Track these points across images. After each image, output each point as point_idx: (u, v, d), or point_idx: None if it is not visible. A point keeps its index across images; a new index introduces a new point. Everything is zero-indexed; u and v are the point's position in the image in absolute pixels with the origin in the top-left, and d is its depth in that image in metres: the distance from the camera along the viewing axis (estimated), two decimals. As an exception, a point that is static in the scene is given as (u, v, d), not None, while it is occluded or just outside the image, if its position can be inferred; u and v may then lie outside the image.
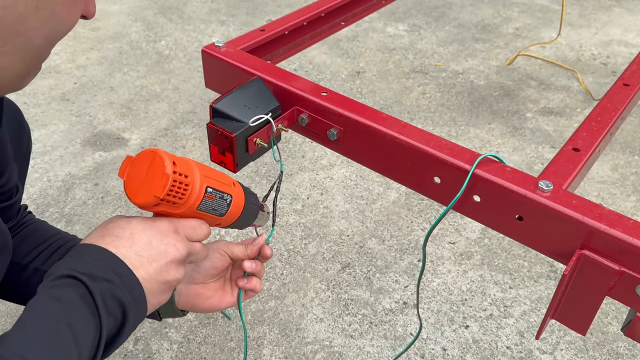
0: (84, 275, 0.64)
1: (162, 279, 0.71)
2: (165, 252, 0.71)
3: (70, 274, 0.65)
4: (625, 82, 1.02)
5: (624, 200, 2.04)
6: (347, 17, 1.38)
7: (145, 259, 0.69)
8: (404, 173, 0.88)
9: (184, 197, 0.70)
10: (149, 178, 0.68)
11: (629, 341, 1.56)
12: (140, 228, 0.71)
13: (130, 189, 0.69)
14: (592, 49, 3.04)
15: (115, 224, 0.72)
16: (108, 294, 0.65)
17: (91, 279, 0.64)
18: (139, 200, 0.69)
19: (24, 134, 1.09)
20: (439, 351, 1.53)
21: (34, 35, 0.65)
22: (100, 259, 0.67)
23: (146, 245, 0.70)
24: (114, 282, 0.66)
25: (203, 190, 0.72)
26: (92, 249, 0.68)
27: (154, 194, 0.67)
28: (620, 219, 0.70)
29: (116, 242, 0.69)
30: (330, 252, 1.82)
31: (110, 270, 0.66)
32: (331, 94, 0.94)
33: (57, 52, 2.90)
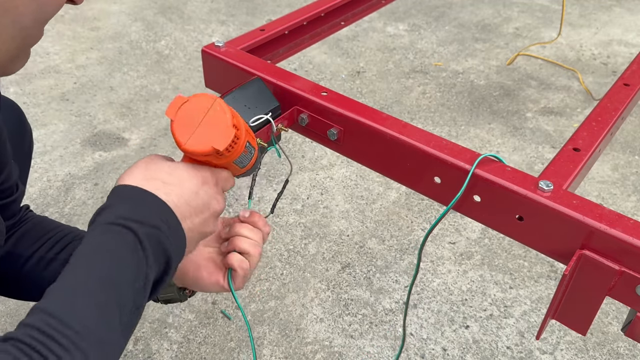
0: (135, 223, 0.62)
1: (203, 231, 0.70)
2: (209, 204, 0.70)
3: (120, 222, 0.63)
4: (625, 82, 1.02)
5: (624, 200, 2.04)
6: (347, 16, 1.38)
7: (192, 209, 0.67)
8: (404, 173, 0.88)
9: (232, 150, 0.68)
10: (207, 127, 0.65)
11: (629, 341, 1.56)
12: (187, 176, 0.68)
13: (182, 133, 0.65)
14: (593, 48, 3.04)
15: (160, 167, 0.68)
16: (155, 241, 0.63)
17: (141, 226, 0.62)
18: (193, 149, 0.65)
19: (25, 134, 1.09)
20: (439, 351, 1.53)
21: (22, 13, 0.64)
22: (150, 207, 0.65)
23: (194, 194, 0.68)
24: (162, 230, 0.64)
25: (244, 145, 0.71)
26: (141, 194, 0.65)
27: (213, 146, 0.64)
28: (621, 219, 0.70)
29: (166, 188, 0.66)
30: (330, 252, 1.82)
31: (159, 218, 0.64)
32: (331, 94, 0.94)
33: (57, 52, 2.90)
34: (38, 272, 0.97)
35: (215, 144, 0.65)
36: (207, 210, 0.70)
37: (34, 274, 0.98)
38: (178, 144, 0.66)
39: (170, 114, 0.67)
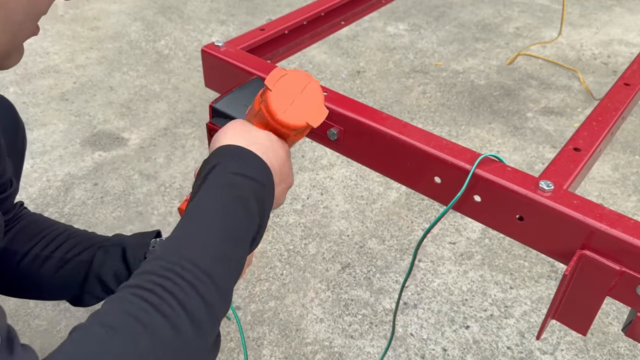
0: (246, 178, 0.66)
1: (279, 201, 0.75)
2: (289, 176, 0.76)
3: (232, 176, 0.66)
4: (626, 81, 1.02)
5: (624, 200, 2.04)
6: (347, 16, 1.38)
7: (282, 176, 0.73)
8: (404, 173, 0.88)
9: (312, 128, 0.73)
10: (304, 102, 0.69)
11: (630, 341, 1.56)
12: (280, 145, 0.73)
13: (279, 105, 0.68)
14: (593, 48, 3.04)
15: (260, 134, 0.72)
16: (260, 199, 0.67)
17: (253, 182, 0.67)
18: (288, 121, 0.69)
19: (18, 131, 1.09)
20: (439, 351, 1.53)
21: (13, 8, 0.64)
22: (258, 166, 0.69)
23: (284, 164, 0.73)
24: (266, 189, 0.68)
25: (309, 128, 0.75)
26: (249, 154, 0.69)
27: (308, 122, 0.68)
28: (621, 219, 0.70)
29: (268, 153, 0.70)
30: (330, 252, 1.82)
31: (265, 178, 0.69)
32: (331, 94, 0.94)
33: (57, 51, 2.89)
34: (34, 270, 0.98)
35: (310, 120, 0.69)
36: (288, 181, 0.76)
37: (30, 272, 0.98)
38: (272, 114, 0.69)
39: (270, 84, 0.69)
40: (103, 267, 0.96)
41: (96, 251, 0.98)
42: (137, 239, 1.01)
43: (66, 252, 0.98)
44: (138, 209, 1.96)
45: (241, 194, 0.65)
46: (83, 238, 1.02)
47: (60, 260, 0.98)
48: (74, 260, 0.98)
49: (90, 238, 1.02)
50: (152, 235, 1.00)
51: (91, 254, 0.98)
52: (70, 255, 0.98)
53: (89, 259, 0.97)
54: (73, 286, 0.98)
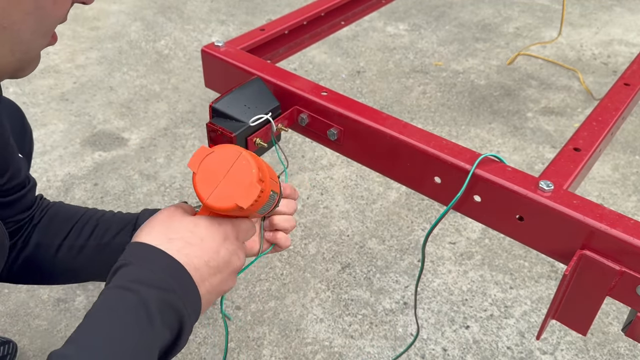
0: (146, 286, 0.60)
1: (220, 290, 0.68)
2: (229, 262, 0.68)
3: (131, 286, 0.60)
4: (626, 81, 1.02)
5: (624, 201, 2.04)
6: (347, 16, 1.38)
7: (212, 269, 0.65)
8: (404, 173, 0.88)
9: (256, 204, 0.65)
10: (231, 182, 0.63)
11: (630, 341, 1.56)
12: (208, 233, 0.66)
13: (204, 188, 0.63)
14: (593, 48, 3.04)
15: (182, 225, 0.66)
16: (167, 305, 0.61)
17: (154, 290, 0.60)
18: (216, 205, 0.63)
19: (26, 135, 1.11)
20: (440, 351, 1.53)
21: (20, 29, 0.64)
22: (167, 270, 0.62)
23: (215, 254, 0.66)
24: (176, 293, 0.61)
25: (268, 194, 0.68)
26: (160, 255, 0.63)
27: (237, 203, 0.62)
28: (621, 219, 0.70)
29: (187, 249, 0.64)
30: (330, 252, 1.82)
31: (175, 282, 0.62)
32: (331, 94, 0.94)
33: (57, 51, 2.89)
34: (72, 260, 0.99)
35: (239, 201, 0.63)
36: (227, 268, 0.68)
37: (69, 262, 0.99)
38: (200, 198, 0.64)
39: (193, 166, 0.64)
40: None
41: (131, 232, 0.98)
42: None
43: (101, 237, 0.99)
44: (138, 209, 1.96)
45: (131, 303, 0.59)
46: (113, 220, 1.02)
47: (97, 247, 0.98)
48: (112, 245, 0.98)
49: (121, 219, 1.02)
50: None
51: (127, 236, 0.98)
52: (107, 240, 0.98)
53: (127, 241, 0.97)
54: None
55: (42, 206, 1.04)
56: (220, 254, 0.66)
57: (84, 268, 1.01)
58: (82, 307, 1.62)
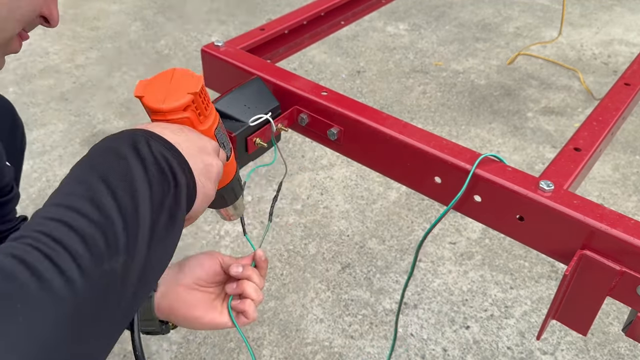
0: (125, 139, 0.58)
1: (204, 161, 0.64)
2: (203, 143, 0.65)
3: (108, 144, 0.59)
4: (626, 81, 1.01)
5: (625, 200, 2.03)
6: (347, 16, 1.38)
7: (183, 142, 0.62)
8: (404, 173, 0.88)
9: (208, 109, 0.68)
10: (176, 85, 0.66)
11: (630, 342, 1.56)
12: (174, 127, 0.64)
13: (155, 99, 0.65)
14: (593, 48, 3.04)
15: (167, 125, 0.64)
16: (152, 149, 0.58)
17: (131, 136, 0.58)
18: (170, 105, 0.64)
19: (17, 130, 1.08)
20: (440, 352, 1.53)
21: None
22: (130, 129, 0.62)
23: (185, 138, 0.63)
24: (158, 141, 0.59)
25: (218, 119, 0.71)
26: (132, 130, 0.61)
27: (188, 91, 0.65)
28: (622, 219, 0.69)
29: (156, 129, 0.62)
30: (330, 252, 1.82)
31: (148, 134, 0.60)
32: (331, 94, 0.93)
33: (57, 51, 2.89)
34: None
35: (190, 88, 0.65)
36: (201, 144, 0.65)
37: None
38: (155, 110, 0.65)
39: (138, 93, 0.67)
40: None
41: None
42: None
43: None
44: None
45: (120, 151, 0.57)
46: None
47: None
48: None
49: None
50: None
51: None
52: None
53: None
54: None
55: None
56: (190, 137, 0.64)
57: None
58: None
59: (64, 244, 0.46)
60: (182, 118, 0.67)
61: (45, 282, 0.43)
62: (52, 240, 0.46)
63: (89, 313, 0.46)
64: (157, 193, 0.55)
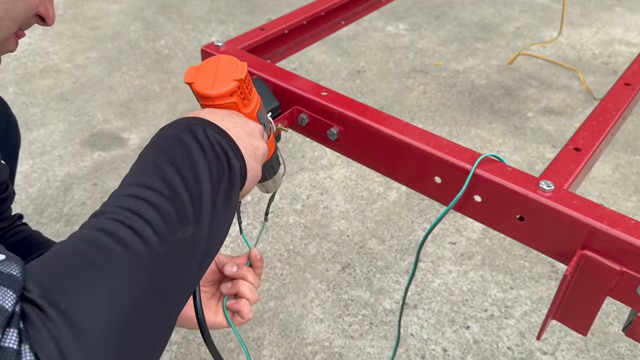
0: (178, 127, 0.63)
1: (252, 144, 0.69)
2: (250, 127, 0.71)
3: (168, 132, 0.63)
4: (626, 81, 1.01)
5: (625, 200, 2.03)
6: (347, 16, 1.38)
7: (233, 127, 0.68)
8: (405, 173, 0.88)
9: (252, 93, 0.73)
10: (223, 72, 0.70)
11: (630, 342, 1.56)
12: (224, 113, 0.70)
13: (204, 86, 0.70)
14: (593, 48, 3.04)
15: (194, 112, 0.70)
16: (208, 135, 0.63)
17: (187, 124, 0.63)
18: (219, 90, 0.70)
19: (10, 127, 1.08)
20: (440, 352, 1.53)
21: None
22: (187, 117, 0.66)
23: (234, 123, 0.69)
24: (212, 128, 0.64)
25: (260, 102, 0.75)
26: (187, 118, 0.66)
27: (234, 78, 0.69)
28: (622, 219, 0.69)
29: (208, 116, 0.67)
30: (331, 252, 1.82)
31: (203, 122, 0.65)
32: (331, 94, 0.93)
33: (56, 51, 2.89)
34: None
35: (235, 75, 0.70)
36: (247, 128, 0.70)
37: None
38: (204, 96, 0.71)
39: (188, 79, 0.72)
40: None
41: None
42: None
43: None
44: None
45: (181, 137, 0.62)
46: None
47: None
48: None
49: None
50: None
51: None
52: None
53: None
54: None
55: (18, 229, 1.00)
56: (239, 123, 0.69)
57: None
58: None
59: (142, 215, 0.52)
60: (229, 103, 0.72)
61: (129, 247, 0.49)
62: (131, 212, 0.52)
63: (167, 274, 0.52)
64: (214, 174, 0.60)
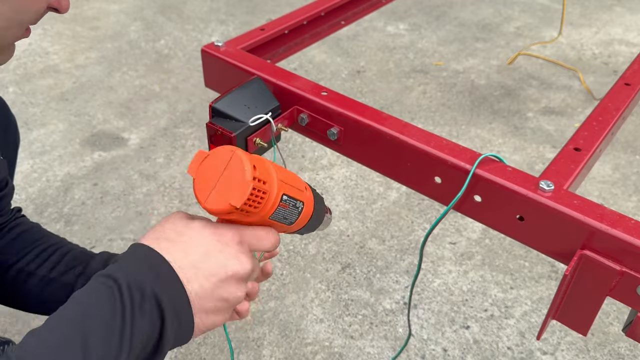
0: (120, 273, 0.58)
1: (219, 296, 0.62)
2: (225, 265, 0.62)
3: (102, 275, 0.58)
4: (626, 81, 1.01)
5: (625, 200, 2.03)
6: (347, 16, 1.38)
7: (201, 271, 0.61)
8: (405, 173, 0.88)
9: (259, 205, 0.62)
10: (225, 182, 0.60)
11: (630, 342, 1.56)
12: (200, 234, 0.63)
13: (201, 192, 0.61)
14: (593, 48, 3.04)
15: (173, 226, 0.64)
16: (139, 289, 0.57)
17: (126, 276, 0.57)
18: (212, 207, 0.60)
19: (9, 124, 1.08)
20: (440, 352, 1.53)
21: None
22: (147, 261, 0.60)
23: (203, 255, 0.61)
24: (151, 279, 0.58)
25: (279, 198, 0.63)
26: (142, 250, 0.61)
27: (230, 202, 0.59)
28: (622, 219, 0.69)
29: (171, 248, 0.61)
30: (331, 252, 1.82)
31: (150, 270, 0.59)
32: (331, 94, 0.93)
33: (56, 51, 2.89)
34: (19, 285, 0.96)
35: (232, 200, 0.59)
36: (222, 272, 0.62)
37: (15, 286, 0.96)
38: (200, 203, 0.62)
39: (191, 172, 0.63)
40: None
41: (78, 276, 0.95)
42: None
43: (50, 270, 0.95)
44: (138, 209, 1.96)
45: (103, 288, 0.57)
46: (69, 255, 0.98)
47: (42, 279, 0.95)
48: (57, 282, 0.95)
49: (76, 257, 0.98)
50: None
51: (74, 277, 0.95)
52: (54, 275, 0.95)
53: (71, 282, 0.94)
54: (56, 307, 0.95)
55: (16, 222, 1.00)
56: (210, 256, 0.62)
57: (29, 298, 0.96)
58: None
59: None
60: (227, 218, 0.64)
61: None
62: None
63: None
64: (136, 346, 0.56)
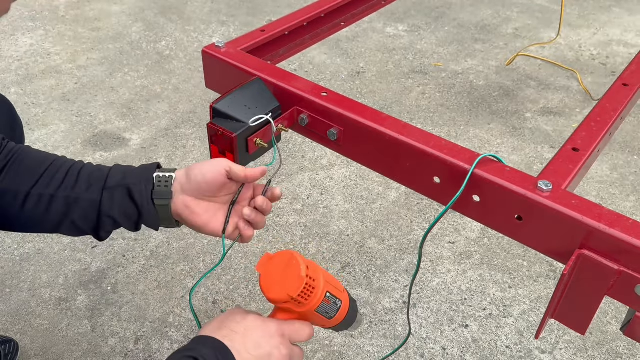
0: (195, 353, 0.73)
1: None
2: (270, 354, 0.78)
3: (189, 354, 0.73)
4: (624, 82, 1.02)
5: (623, 200, 2.04)
6: (346, 17, 1.38)
7: (253, 357, 0.77)
8: (404, 173, 0.89)
9: (309, 298, 0.78)
10: (285, 278, 0.78)
11: (629, 341, 1.57)
12: (253, 326, 0.79)
13: (266, 284, 0.79)
14: (592, 49, 3.05)
15: (233, 318, 0.80)
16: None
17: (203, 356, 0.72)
18: (273, 296, 0.78)
19: (16, 125, 1.08)
20: (439, 350, 1.54)
21: None
22: (213, 349, 0.75)
23: (255, 344, 0.78)
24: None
25: (324, 294, 0.80)
26: (208, 340, 0.76)
27: (288, 293, 0.77)
28: (620, 218, 0.70)
29: (231, 335, 0.77)
30: (330, 251, 1.83)
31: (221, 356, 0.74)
32: (331, 94, 0.94)
33: (58, 52, 2.90)
34: (39, 210, 0.93)
35: (290, 291, 0.77)
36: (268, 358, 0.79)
37: (34, 213, 0.93)
38: (264, 294, 0.79)
39: (260, 269, 0.81)
40: (112, 209, 0.93)
41: (102, 192, 0.94)
42: (139, 175, 0.97)
43: (71, 189, 0.93)
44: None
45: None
46: (83, 173, 0.97)
47: (66, 200, 0.93)
48: (81, 200, 0.93)
49: (91, 174, 0.97)
50: (154, 168, 0.96)
51: (98, 193, 0.94)
52: (77, 194, 0.93)
53: (97, 198, 0.93)
54: (87, 226, 0.94)
55: (6, 149, 0.95)
56: (262, 344, 0.78)
57: (49, 220, 0.93)
58: (84, 306, 1.63)
59: None
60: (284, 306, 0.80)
61: None
62: None
63: None
64: None
